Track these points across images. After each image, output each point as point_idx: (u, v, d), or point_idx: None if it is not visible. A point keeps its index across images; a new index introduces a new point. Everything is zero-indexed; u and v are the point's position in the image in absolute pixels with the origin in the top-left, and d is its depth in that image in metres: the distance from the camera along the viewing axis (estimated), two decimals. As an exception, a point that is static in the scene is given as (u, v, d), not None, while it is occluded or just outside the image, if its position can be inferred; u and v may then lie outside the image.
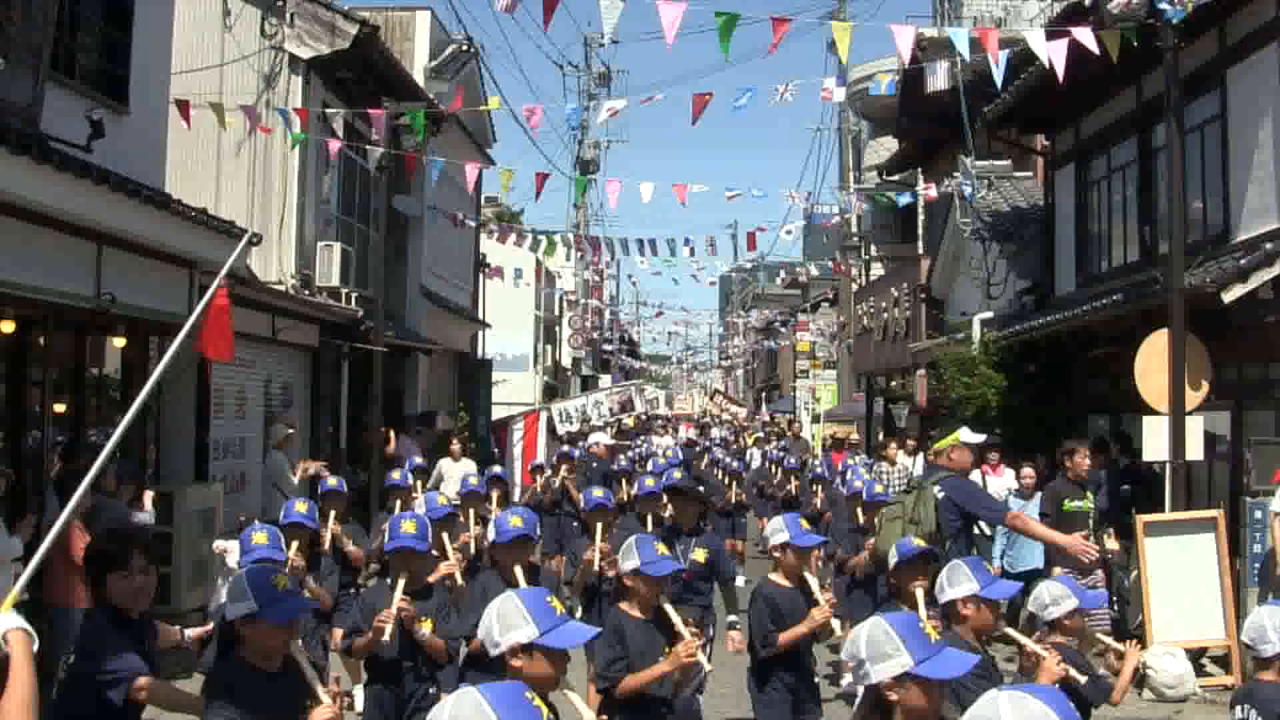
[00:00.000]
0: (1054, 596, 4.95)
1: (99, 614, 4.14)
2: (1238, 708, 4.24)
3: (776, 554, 5.58)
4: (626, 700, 4.54)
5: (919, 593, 5.13)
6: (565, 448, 13.52)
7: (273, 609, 3.62)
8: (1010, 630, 4.82)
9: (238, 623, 3.66)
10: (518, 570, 5.29)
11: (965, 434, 7.55)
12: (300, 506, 6.41)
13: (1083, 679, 4.57)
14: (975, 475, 10.97)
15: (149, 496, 9.13)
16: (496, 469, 9.83)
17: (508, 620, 3.04)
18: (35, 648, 2.88)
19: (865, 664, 2.92)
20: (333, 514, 7.51)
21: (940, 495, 6.93)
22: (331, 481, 8.13)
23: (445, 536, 6.81)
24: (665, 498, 8.55)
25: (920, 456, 13.79)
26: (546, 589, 3.42)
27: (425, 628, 5.29)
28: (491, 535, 5.53)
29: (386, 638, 5.10)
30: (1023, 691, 2.35)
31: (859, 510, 8.65)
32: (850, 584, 8.48)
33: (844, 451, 17.49)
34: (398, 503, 8.93)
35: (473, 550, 7.46)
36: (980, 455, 10.94)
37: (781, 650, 5.42)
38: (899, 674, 2.86)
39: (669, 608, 4.58)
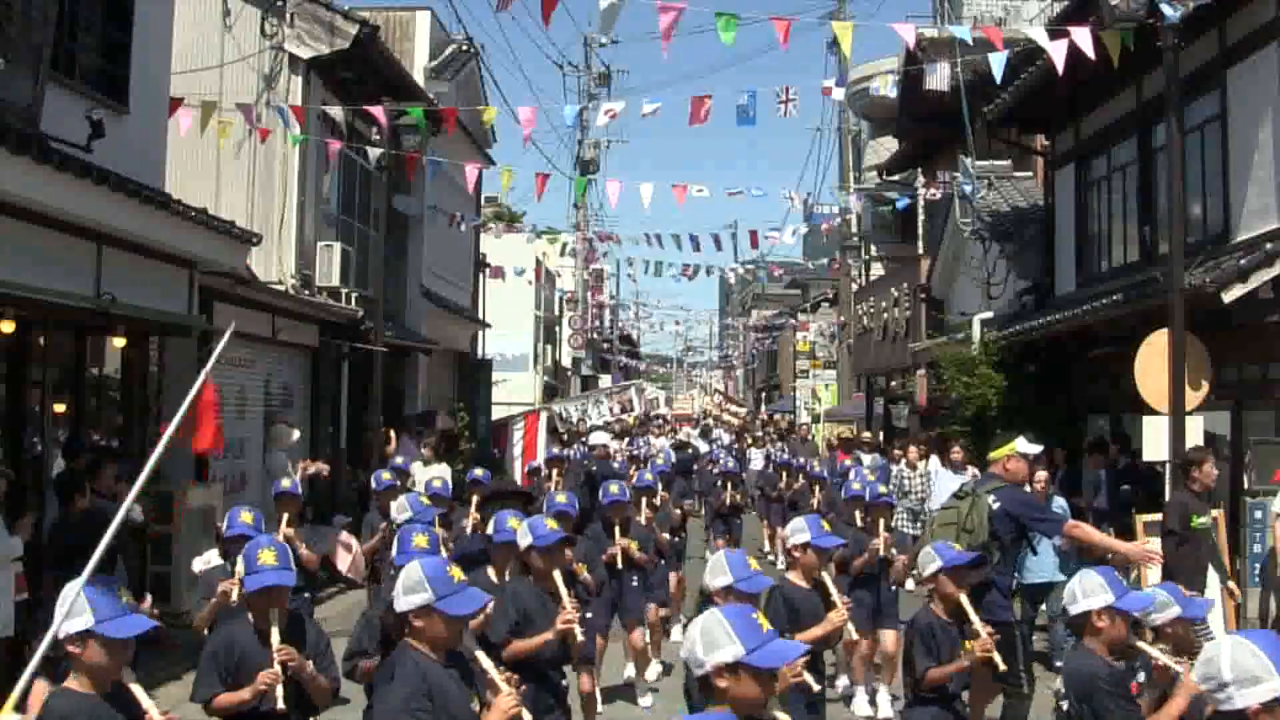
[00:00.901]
0: (1086, 590, 4.52)
1: None
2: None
3: (796, 553, 5.51)
4: None
5: (964, 599, 5.10)
6: (556, 450, 13.21)
7: (451, 601, 3.57)
8: (1141, 644, 4.43)
9: (410, 614, 3.59)
10: (557, 575, 5.17)
11: (1022, 444, 7.27)
12: (245, 517, 5.93)
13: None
14: None
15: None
16: (478, 472, 9.26)
17: (712, 639, 2.85)
18: None
19: (1229, 687, 2.76)
20: (285, 517, 7.17)
21: (995, 505, 6.80)
22: (285, 483, 7.74)
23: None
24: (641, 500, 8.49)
25: (934, 459, 13.75)
26: (750, 606, 3.26)
27: None
28: (525, 540, 5.27)
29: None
30: (1242, 636, 2.38)
31: (857, 512, 8.53)
32: (852, 584, 8.42)
33: (850, 452, 17.04)
34: (391, 504, 8.65)
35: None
36: None
37: None
38: (1269, 699, 2.71)
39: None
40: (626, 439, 23.40)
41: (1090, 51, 9.20)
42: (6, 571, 7.16)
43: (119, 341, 9.98)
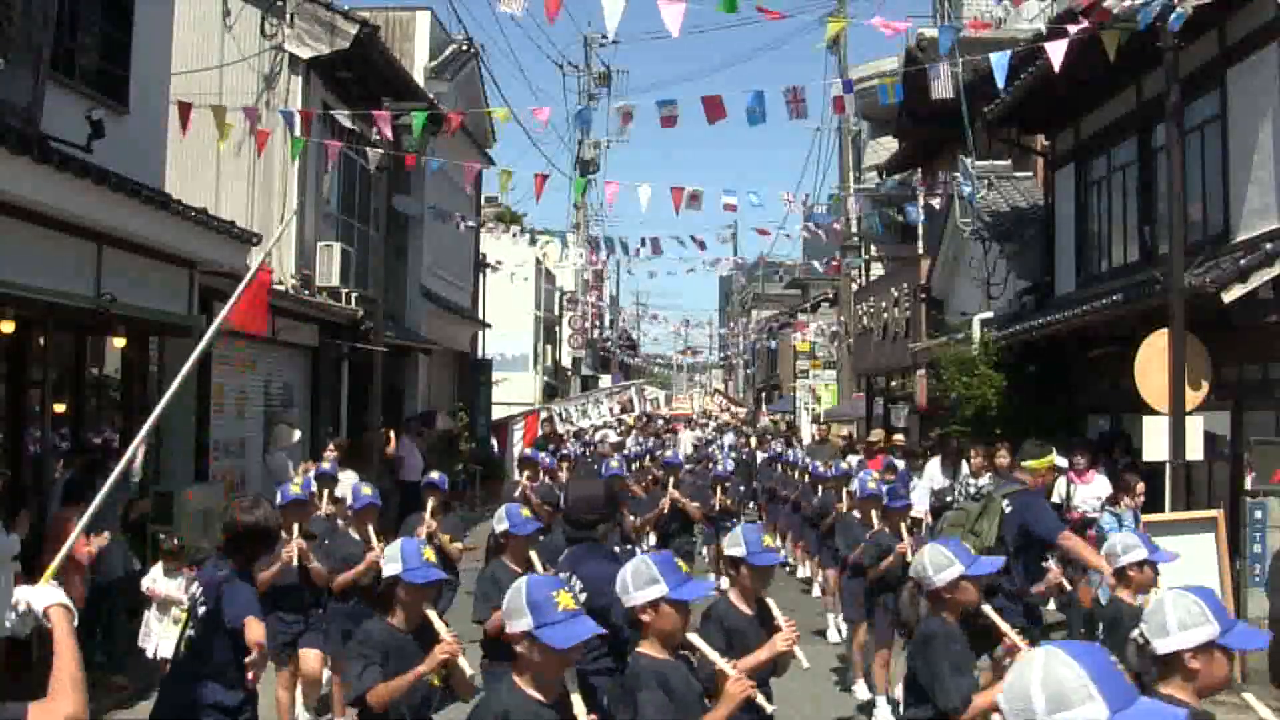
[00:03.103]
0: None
1: None
2: None
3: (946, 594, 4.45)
4: None
5: (988, 608, 4.71)
6: (529, 451, 12.52)
7: (681, 589, 3.73)
8: (988, 608, 4.61)
9: (638, 609, 3.71)
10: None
11: (1056, 457, 7.30)
12: None
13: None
14: (1060, 484, 10.79)
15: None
16: (434, 475, 8.62)
17: (1186, 621, 3.14)
18: (75, 622, 2.85)
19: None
20: (296, 527, 6.71)
21: (1008, 510, 6.76)
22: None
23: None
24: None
25: (934, 461, 13.64)
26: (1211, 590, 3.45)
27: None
28: (500, 527, 5.56)
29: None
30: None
31: (873, 513, 8.36)
32: (871, 590, 8.20)
33: (881, 457, 16.25)
34: (296, 525, 7.04)
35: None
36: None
37: None
38: None
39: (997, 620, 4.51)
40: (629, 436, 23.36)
41: (1061, 55, 9.10)
42: (5, 570, 7.16)
43: (119, 341, 9.99)
